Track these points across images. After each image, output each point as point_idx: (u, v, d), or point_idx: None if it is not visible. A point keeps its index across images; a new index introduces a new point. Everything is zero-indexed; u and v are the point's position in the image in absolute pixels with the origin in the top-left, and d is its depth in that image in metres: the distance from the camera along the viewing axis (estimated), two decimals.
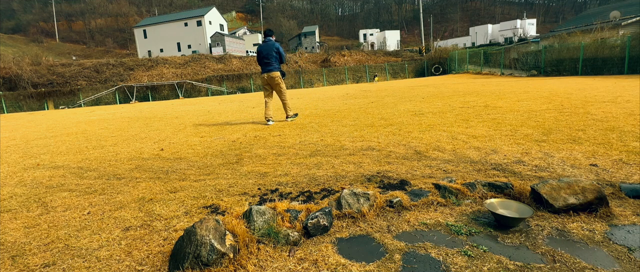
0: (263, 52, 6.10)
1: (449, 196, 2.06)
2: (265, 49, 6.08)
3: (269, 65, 6.05)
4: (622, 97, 6.26)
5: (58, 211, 2.31)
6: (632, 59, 14.68)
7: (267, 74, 6.10)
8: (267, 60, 6.05)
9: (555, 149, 3.10)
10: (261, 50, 6.12)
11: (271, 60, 6.03)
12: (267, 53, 6.05)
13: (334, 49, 52.70)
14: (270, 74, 6.10)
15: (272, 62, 6.04)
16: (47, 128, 8.66)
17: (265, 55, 6.06)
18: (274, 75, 6.11)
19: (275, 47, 6.07)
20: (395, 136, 4.19)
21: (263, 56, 6.10)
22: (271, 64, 6.04)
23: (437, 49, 38.28)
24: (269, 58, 6.03)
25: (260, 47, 6.16)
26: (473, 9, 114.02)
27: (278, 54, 6.10)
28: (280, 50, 6.12)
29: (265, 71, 6.11)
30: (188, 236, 1.49)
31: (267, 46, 6.10)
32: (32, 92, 30.25)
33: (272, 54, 6.04)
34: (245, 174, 2.92)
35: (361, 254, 1.52)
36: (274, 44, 6.11)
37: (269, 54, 6.05)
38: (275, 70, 6.08)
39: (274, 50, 6.05)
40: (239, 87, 33.43)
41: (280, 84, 6.20)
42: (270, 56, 6.04)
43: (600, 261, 1.39)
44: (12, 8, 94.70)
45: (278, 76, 6.14)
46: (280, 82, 6.18)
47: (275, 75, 6.11)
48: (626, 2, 24.95)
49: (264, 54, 6.08)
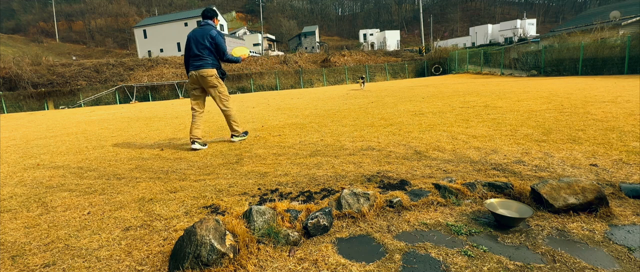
0: (192, 40, 4.30)
1: (449, 196, 2.06)
2: (197, 36, 4.29)
3: (198, 60, 4.26)
4: (622, 97, 6.26)
5: (58, 211, 2.31)
6: (632, 59, 14.69)
7: (196, 72, 4.26)
8: (196, 53, 4.26)
9: (555, 149, 3.10)
10: (190, 38, 4.34)
11: (203, 53, 4.25)
12: (196, 42, 4.26)
13: (334, 49, 52.72)
14: (199, 71, 4.24)
15: (204, 56, 4.26)
16: (47, 128, 8.66)
17: (195, 46, 4.27)
18: (205, 73, 4.24)
19: (210, 35, 4.24)
20: (395, 135, 4.19)
21: (191, 46, 4.30)
22: (202, 58, 4.26)
23: (437, 49, 38.26)
24: (200, 50, 4.25)
25: (190, 34, 4.38)
26: (473, 9, 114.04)
27: (214, 45, 4.27)
28: (217, 40, 4.26)
29: (193, 68, 4.29)
30: (188, 236, 1.49)
31: (199, 32, 4.32)
32: (32, 92, 30.24)
33: (204, 44, 4.24)
34: (245, 174, 2.92)
35: (361, 254, 1.52)
36: (210, 31, 4.29)
37: (199, 44, 4.25)
38: (208, 67, 4.26)
39: (208, 38, 4.24)
40: (238, 87, 33.42)
41: (218, 87, 4.37)
42: (200, 47, 4.24)
43: (600, 261, 1.39)
44: (12, 8, 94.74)
45: (213, 75, 4.29)
46: (217, 84, 4.36)
47: (208, 74, 4.25)
48: (626, 2, 24.96)
49: (192, 43, 4.29)
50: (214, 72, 4.30)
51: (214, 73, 4.30)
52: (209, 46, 4.25)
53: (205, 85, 4.35)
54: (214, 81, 4.32)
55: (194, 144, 4.25)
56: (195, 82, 4.37)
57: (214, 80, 4.31)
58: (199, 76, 4.27)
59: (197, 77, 4.29)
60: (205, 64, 4.25)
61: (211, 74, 4.27)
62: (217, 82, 4.35)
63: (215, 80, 4.32)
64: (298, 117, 6.80)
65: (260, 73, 34.74)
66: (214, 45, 4.26)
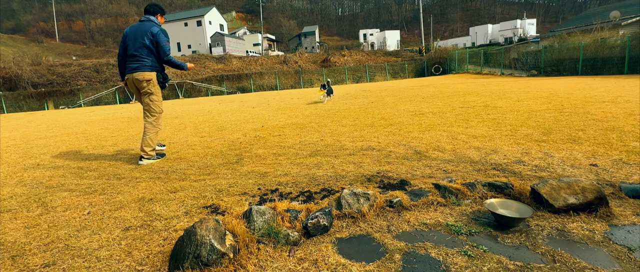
0: (128, 37, 3.63)
1: (449, 196, 2.06)
2: (135, 33, 3.61)
3: (135, 61, 3.59)
4: (622, 97, 6.26)
5: (58, 211, 2.31)
6: (632, 59, 14.69)
7: (131, 75, 3.61)
8: (133, 53, 3.59)
9: (555, 149, 3.10)
10: (126, 34, 3.67)
11: (140, 53, 3.57)
12: (133, 40, 3.59)
13: (334, 49, 52.73)
14: (135, 74, 3.59)
15: (142, 56, 3.58)
16: (47, 128, 8.66)
17: (131, 44, 3.60)
18: (141, 77, 3.58)
19: (151, 32, 3.57)
20: (395, 135, 4.19)
21: (127, 45, 3.63)
22: (139, 59, 3.58)
23: (437, 49, 38.25)
24: (137, 49, 3.57)
25: (127, 29, 3.70)
26: (473, 9, 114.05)
27: (154, 44, 3.59)
28: (158, 37, 3.58)
29: (128, 71, 3.64)
30: (188, 236, 1.49)
31: (138, 28, 3.62)
32: (32, 92, 30.24)
33: (143, 43, 3.56)
34: (245, 174, 2.92)
35: (361, 254, 1.52)
36: (151, 27, 3.60)
37: (136, 42, 3.57)
38: (145, 70, 3.60)
39: (147, 36, 3.56)
40: (239, 87, 33.42)
41: (152, 95, 3.67)
42: (138, 46, 3.57)
43: (600, 261, 1.39)
44: (12, 8, 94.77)
45: (150, 80, 3.62)
46: (152, 91, 3.66)
47: (144, 77, 3.59)
48: (626, 2, 24.96)
49: (129, 40, 3.62)
50: (152, 75, 3.63)
51: (152, 77, 3.63)
52: (149, 45, 3.57)
53: (141, 90, 3.67)
54: (149, 88, 3.63)
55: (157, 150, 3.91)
56: (132, 86, 3.72)
57: (149, 87, 3.63)
58: (134, 80, 3.62)
59: (133, 81, 3.63)
60: (142, 66, 3.59)
61: (148, 78, 3.60)
62: (153, 90, 3.66)
63: (151, 87, 3.64)
64: (298, 117, 6.80)
65: (260, 73, 34.75)
66: (154, 44, 3.58)
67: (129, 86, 3.76)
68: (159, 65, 3.73)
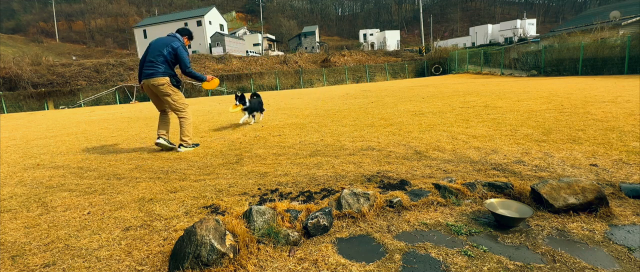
0: (151, 47, 4.17)
1: (449, 196, 2.06)
2: (157, 44, 4.15)
3: (150, 67, 4.07)
4: (622, 97, 6.26)
5: (58, 211, 2.31)
6: (632, 59, 14.69)
7: (147, 81, 4.08)
8: (150, 60, 4.08)
9: (555, 149, 3.10)
10: (150, 44, 4.23)
11: (157, 60, 4.05)
12: (154, 49, 4.11)
13: (334, 49, 52.71)
14: (150, 80, 4.06)
15: (157, 63, 4.05)
16: (47, 128, 8.66)
17: (151, 52, 4.12)
18: (155, 82, 4.05)
19: (172, 46, 4.10)
20: (395, 135, 4.19)
21: (147, 52, 4.16)
22: (154, 65, 4.06)
23: (437, 49, 38.26)
24: (155, 57, 4.06)
25: (152, 41, 4.26)
26: (473, 9, 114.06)
27: (173, 55, 4.11)
28: (178, 51, 4.11)
29: (144, 76, 4.12)
30: (188, 236, 1.49)
31: (161, 41, 4.18)
32: (32, 92, 30.25)
33: (161, 52, 4.06)
34: (245, 174, 2.92)
35: (361, 254, 1.52)
36: (172, 42, 4.13)
37: (155, 51, 4.08)
38: (159, 76, 4.06)
39: (168, 48, 4.09)
40: (239, 87, 33.42)
41: (172, 95, 4.17)
42: (156, 54, 4.07)
43: (600, 261, 1.39)
44: (12, 8, 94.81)
45: (165, 84, 4.08)
46: (170, 91, 4.14)
47: (159, 82, 4.05)
48: (626, 2, 24.96)
49: (150, 49, 4.15)
50: (165, 80, 4.09)
51: (166, 81, 4.10)
52: (167, 55, 4.08)
53: (159, 95, 4.18)
54: (166, 89, 4.11)
55: (159, 140, 4.26)
56: (148, 91, 4.24)
57: (166, 89, 4.11)
58: (150, 85, 4.10)
59: (149, 86, 4.12)
60: (156, 72, 4.06)
61: (162, 83, 4.07)
62: (170, 90, 4.15)
63: (167, 89, 4.12)
64: (298, 117, 6.80)
65: (260, 73, 34.76)
66: (172, 56, 4.11)
67: (144, 90, 4.27)
68: (172, 71, 4.22)
